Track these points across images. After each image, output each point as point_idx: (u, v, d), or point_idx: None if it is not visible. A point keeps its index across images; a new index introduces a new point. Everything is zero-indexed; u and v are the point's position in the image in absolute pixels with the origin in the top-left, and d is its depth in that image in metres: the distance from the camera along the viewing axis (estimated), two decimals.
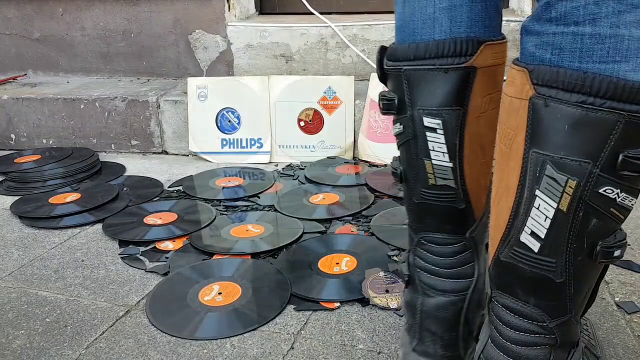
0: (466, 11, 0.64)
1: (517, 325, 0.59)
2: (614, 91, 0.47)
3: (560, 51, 0.49)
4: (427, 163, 0.67)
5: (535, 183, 0.52)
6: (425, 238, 0.72)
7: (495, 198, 0.59)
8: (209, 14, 1.94)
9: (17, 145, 1.92)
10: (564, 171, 0.50)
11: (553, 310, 0.57)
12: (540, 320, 0.57)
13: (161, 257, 1.16)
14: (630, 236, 1.16)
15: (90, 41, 2.09)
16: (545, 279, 0.55)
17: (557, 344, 0.58)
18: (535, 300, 0.57)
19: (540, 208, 0.52)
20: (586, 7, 0.47)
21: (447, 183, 0.68)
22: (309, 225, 1.26)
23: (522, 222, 0.54)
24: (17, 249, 1.23)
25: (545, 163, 0.50)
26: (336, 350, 0.86)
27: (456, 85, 0.64)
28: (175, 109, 1.78)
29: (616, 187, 0.50)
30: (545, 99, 0.50)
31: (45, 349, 0.89)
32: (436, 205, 0.70)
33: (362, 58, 1.82)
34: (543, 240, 0.53)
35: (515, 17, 1.76)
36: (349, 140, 1.68)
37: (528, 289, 0.57)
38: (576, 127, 0.48)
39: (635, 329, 0.88)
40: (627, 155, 0.48)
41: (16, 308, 1.01)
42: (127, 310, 0.99)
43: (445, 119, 0.65)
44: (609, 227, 0.53)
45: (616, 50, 0.47)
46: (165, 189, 1.53)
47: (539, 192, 0.52)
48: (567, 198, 0.50)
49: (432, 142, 0.66)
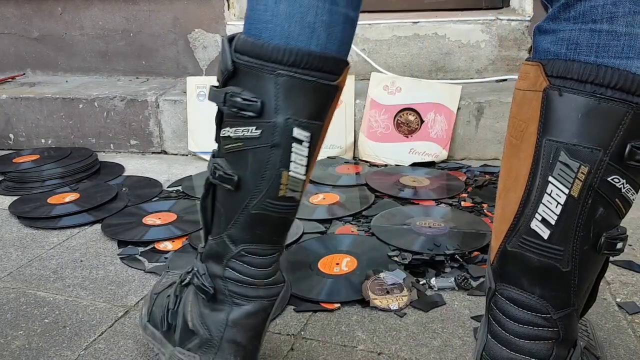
0: (340, 30, 0.64)
1: (521, 317, 0.60)
2: (624, 83, 0.50)
3: (576, 46, 0.53)
4: (284, 174, 0.64)
5: (548, 170, 0.54)
6: (248, 250, 0.69)
7: (502, 191, 0.61)
8: (209, 13, 1.94)
9: (15, 145, 1.91)
10: (577, 158, 0.52)
11: (557, 301, 0.59)
12: (545, 312, 0.59)
13: (160, 258, 1.15)
14: (632, 237, 1.16)
15: (89, 40, 2.08)
16: (551, 268, 0.57)
17: (560, 339, 0.60)
18: (540, 291, 0.59)
19: (553, 194, 0.55)
20: (604, 6, 0.51)
21: (294, 195, 0.67)
22: (309, 226, 1.25)
23: (533, 209, 0.56)
24: (16, 249, 1.23)
25: (559, 150, 0.53)
26: (336, 351, 0.86)
27: (325, 101, 0.64)
28: (174, 109, 1.77)
29: (622, 177, 0.53)
30: (559, 89, 0.53)
31: (44, 350, 0.89)
32: (274, 216, 0.67)
33: (362, 58, 1.82)
34: (553, 227, 0.56)
35: (516, 17, 1.75)
36: (349, 140, 1.68)
37: (534, 279, 0.59)
38: (589, 116, 0.52)
39: (636, 330, 0.88)
40: (634, 145, 0.51)
41: (15, 308, 1.00)
42: (126, 311, 0.98)
43: (313, 132, 0.64)
44: (613, 219, 0.56)
45: (630, 47, 0.51)
46: (164, 189, 1.53)
47: (551, 178, 0.54)
48: (578, 184, 0.53)
49: (296, 153, 0.64)
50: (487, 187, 1.42)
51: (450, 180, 1.47)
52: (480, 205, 1.32)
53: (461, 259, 1.07)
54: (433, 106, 1.62)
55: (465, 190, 1.41)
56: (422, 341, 0.87)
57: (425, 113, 1.62)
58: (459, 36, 1.77)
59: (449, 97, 1.61)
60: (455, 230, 1.18)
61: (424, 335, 0.89)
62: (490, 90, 1.67)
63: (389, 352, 0.85)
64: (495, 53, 1.77)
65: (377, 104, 1.66)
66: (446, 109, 1.61)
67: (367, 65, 1.81)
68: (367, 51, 1.82)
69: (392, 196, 1.39)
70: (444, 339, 0.88)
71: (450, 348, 0.86)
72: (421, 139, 1.62)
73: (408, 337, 0.88)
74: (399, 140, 1.63)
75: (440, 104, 1.61)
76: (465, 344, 0.86)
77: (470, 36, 1.77)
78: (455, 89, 1.61)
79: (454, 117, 1.60)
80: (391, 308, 0.95)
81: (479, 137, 1.62)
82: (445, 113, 1.60)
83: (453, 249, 1.09)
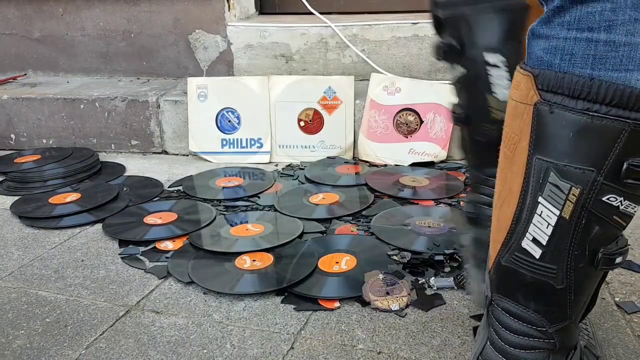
0: None
1: (517, 328, 0.59)
2: (620, 98, 0.46)
3: (571, 57, 0.49)
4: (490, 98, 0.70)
5: (538, 190, 0.52)
6: None
7: (498, 201, 0.58)
8: (209, 14, 1.94)
9: (17, 145, 1.92)
10: (568, 179, 0.49)
11: (553, 315, 0.57)
12: (540, 325, 0.57)
13: (161, 257, 1.16)
14: (630, 236, 1.16)
15: (90, 41, 2.09)
16: (545, 285, 0.55)
17: (556, 349, 0.58)
18: (535, 306, 0.57)
19: (543, 215, 0.52)
20: (602, 13, 0.47)
21: None
22: (309, 225, 1.26)
23: (524, 228, 0.54)
24: (17, 249, 1.23)
25: (548, 170, 0.50)
26: (336, 350, 0.86)
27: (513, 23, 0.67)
28: (175, 109, 1.78)
29: (619, 195, 0.49)
30: (550, 105, 0.49)
31: (45, 349, 0.89)
32: None
33: (362, 58, 1.82)
34: (545, 247, 0.53)
35: None
36: (349, 140, 1.68)
37: (528, 294, 0.57)
38: (581, 135, 0.48)
39: (635, 329, 0.88)
40: (631, 163, 0.48)
41: (16, 308, 1.01)
42: (127, 310, 0.99)
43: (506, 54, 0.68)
44: (611, 234, 0.53)
45: (630, 58, 0.47)
46: (165, 189, 1.53)
47: (541, 199, 0.52)
48: (570, 206, 0.50)
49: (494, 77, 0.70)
50: None
51: (450, 180, 1.47)
52: None
53: (460, 258, 1.08)
54: (432, 106, 1.62)
55: (465, 190, 1.41)
56: (422, 340, 0.88)
57: (425, 113, 1.63)
58: None
59: (448, 97, 1.61)
60: (454, 230, 1.18)
61: (424, 334, 0.89)
62: None
63: (389, 351, 0.86)
64: None
65: (376, 104, 1.66)
66: (446, 109, 1.61)
67: (366, 65, 1.82)
68: (366, 52, 1.83)
69: (391, 196, 1.39)
70: (444, 338, 0.88)
71: (450, 347, 0.86)
72: (421, 139, 1.63)
73: (407, 336, 0.89)
74: (399, 141, 1.64)
75: (439, 104, 1.62)
76: (464, 343, 0.87)
77: None
78: None
79: None
80: (392, 309, 0.95)
81: None
82: (445, 113, 1.61)
83: (452, 249, 1.10)
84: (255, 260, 1.11)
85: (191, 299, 1.02)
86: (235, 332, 0.92)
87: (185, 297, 1.02)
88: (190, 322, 0.95)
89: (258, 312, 0.97)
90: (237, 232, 1.23)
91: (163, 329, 0.94)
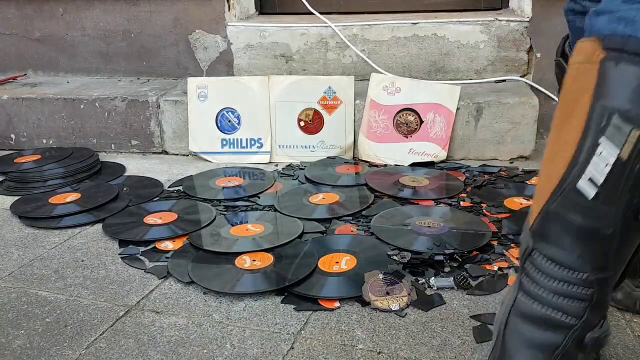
0: None
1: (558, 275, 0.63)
2: None
3: (633, 23, 0.57)
4: None
5: (600, 132, 0.57)
6: None
7: (548, 159, 0.63)
8: (209, 14, 1.94)
9: (17, 145, 1.92)
10: (630, 122, 0.55)
11: (596, 263, 0.61)
12: (582, 271, 0.61)
13: (161, 257, 1.16)
14: None
15: (90, 41, 2.09)
16: (594, 230, 0.60)
17: (593, 302, 0.62)
18: (580, 250, 0.61)
19: (602, 154, 0.57)
20: None
21: None
22: (309, 225, 1.26)
23: (580, 169, 0.59)
24: (17, 249, 1.23)
25: (612, 114, 0.56)
26: (336, 350, 0.86)
27: None
28: (175, 109, 1.78)
29: None
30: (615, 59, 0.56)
31: (45, 349, 0.89)
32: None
33: (362, 58, 1.82)
34: (599, 188, 0.58)
35: (515, 17, 1.76)
36: (349, 140, 1.68)
37: (575, 239, 0.61)
38: None
39: (635, 329, 0.89)
40: None
41: (16, 308, 1.01)
42: (127, 310, 0.99)
43: None
44: None
45: None
46: (165, 189, 1.53)
47: (603, 139, 0.57)
48: (629, 147, 0.56)
49: None
50: (486, 187, 1.42)
51: (450, 180, 1.48)
52: (479, 205, 1.32)
53: (460, 258, 1.08)
54: (432, 106, 1.63)
55: (464, 190, 1.41)
56: (422, 340, 0.88)
57: (425, 113, 1.63)
58: (458, 37, 1.78)
59: (448, 97, 1.61)
60: (454, 230, 1.18)
61: (424, 334, 0.89)
62: (489, 91, 1.67)
63: (389, 351, 0.86)
64: (494, 54, 1.78)
65: (376, 104, 1.66)
66: (445, 110, 1.61)
67: (366, 65, 1.82)
68: (366, 52, 1.83)
69: (391, 196, 1.39)
70: (443, 338, 0.88)
71: (450, 347, 0.86)
72: (420, 139, 1.63)
73: (407, 336, 0.89)
74: (399, 141, 1.64)
75: (439, 104, 1.62)
76: (464, 343, 0.87)
77: (469, 37, 1.77)
78: (454, 89, 1.62)
79: (453, 117, 1.60)
80: (392, 309, 0.95)
81: (478, 138, 1.62)
82: (445, 113, 1.61)
83: (452, 249, 1.10)
84: (255, 260, 1.11)
85: (191, 299, 1.02)
86: (235, 332, 0.92)
87: (185, 297, 1.02)
88: (190, 322, 0.95)
89: (258, 312, 0.97)
90: (237, 232, 1.23)
91: (163, 329, 0.94)
